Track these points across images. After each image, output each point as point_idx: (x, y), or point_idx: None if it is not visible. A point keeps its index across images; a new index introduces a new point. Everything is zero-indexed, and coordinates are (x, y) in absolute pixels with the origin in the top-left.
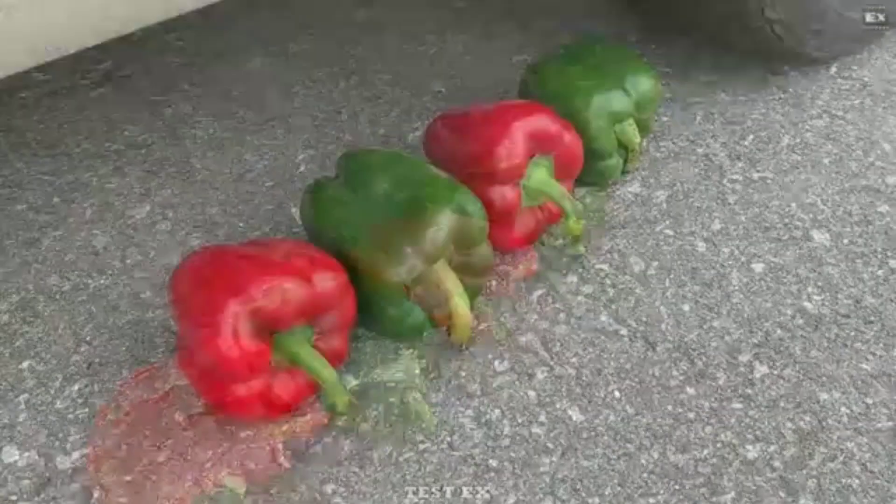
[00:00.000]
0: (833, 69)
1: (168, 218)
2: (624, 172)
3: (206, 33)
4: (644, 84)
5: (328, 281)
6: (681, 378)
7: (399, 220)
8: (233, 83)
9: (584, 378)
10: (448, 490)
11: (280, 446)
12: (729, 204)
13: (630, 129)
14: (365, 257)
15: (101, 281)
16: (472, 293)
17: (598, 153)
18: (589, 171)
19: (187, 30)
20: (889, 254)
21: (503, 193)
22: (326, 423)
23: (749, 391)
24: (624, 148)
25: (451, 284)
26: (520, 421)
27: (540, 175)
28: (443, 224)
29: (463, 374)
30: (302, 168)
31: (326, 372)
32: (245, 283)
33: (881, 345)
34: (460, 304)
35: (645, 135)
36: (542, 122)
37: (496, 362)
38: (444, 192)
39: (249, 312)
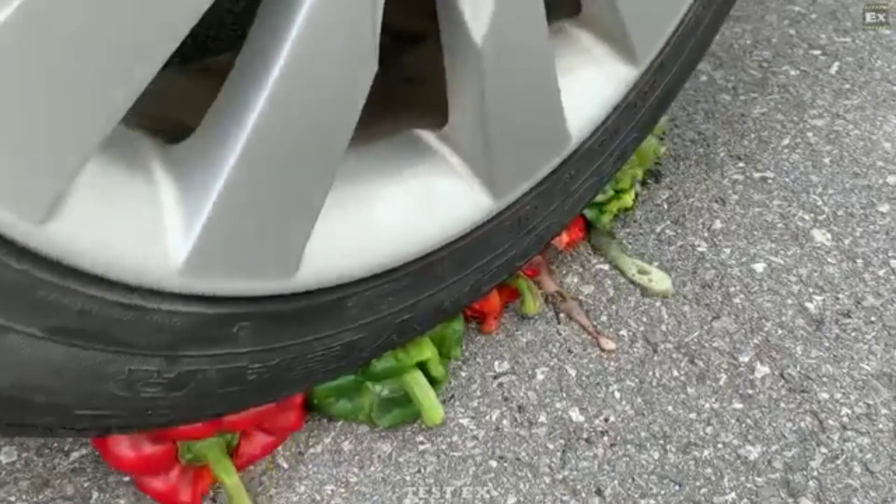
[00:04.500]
0: (834, 69)
1: None
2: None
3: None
4: None
5: None
6: (681, 378)
7: None
8: None
9: (584, 378)
10: (448, 490)
11: (279, 447)
12: (730, 204)
13: None
14: None
15: None
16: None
17: None
18: None
19: None
20: (890, 254)
21: None
22: (326, 424)
23: (750, 391)
24: None
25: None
26: (520, 421)
27: None
28: None
29: (463, 374)
30: None
31: (230, 481)
32: None
33: (882, 345)
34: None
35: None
36: None
37: (496, 362)
38: None
39: None
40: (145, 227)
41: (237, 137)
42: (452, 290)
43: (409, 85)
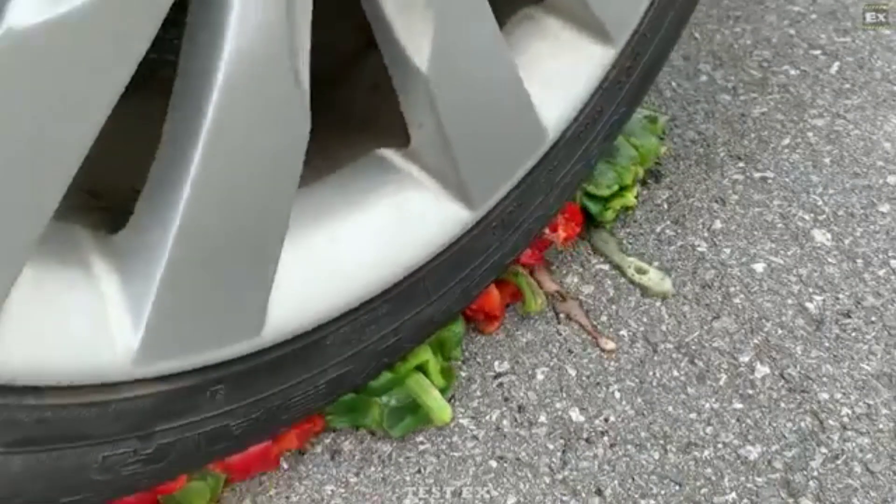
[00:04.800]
0: (834, 69)
1: None
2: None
3: None
4: None
5: None
6: (681, 378)
7: None
8: None
9: (584, 378)
10: (448, 490)
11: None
12: (730, 204)
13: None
14: None
15: None
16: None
17: None
18: None
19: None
20: (890, 254)
21: None
22: (326, 424)
23: (750, 391)
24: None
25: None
26: (520, 421)
27: None
28: None
29: (463, 374)
30: None
31: None
32: None
33: (882, 345)
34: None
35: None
36: None
37: (496, 362)
38: None
39: None
40: (90, 327)
41: (172, 219)
42: (440, 304)
43: (374, 94)
